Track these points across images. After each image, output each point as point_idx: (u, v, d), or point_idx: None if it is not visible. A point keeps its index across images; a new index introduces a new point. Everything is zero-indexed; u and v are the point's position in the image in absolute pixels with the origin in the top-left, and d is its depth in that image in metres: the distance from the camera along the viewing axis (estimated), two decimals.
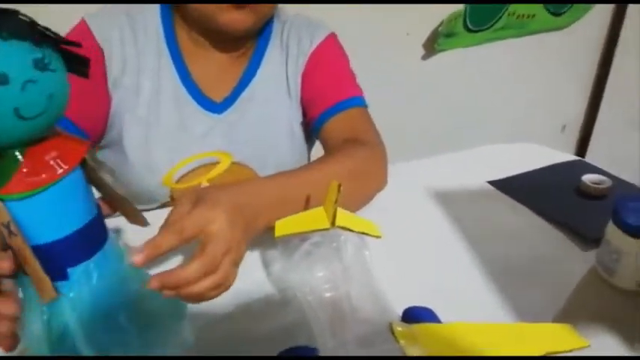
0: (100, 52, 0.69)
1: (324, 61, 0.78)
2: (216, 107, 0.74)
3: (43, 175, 0.31)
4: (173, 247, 0.40)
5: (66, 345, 0.34)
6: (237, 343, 0.43)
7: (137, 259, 0.37)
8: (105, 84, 0.70)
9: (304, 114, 0.79)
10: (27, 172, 0.30)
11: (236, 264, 0.44)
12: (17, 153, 0.30)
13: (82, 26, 0.69)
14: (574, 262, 0.54)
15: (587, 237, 0.57)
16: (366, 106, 0.77)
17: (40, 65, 0.28)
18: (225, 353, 0.42)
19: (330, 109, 0.75)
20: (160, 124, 0.71)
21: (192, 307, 0.44)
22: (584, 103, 1.62)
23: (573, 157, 0.77)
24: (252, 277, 0.51)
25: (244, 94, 0.76)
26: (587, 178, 0.66)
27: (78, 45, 0.31)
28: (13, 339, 0.35)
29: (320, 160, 0.66)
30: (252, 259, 0.54)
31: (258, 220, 0.49)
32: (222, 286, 0.42)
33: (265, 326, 0.45)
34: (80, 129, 0.67)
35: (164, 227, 0.41)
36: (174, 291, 0.39)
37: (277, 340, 0.41)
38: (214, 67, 0.75)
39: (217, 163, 0.74)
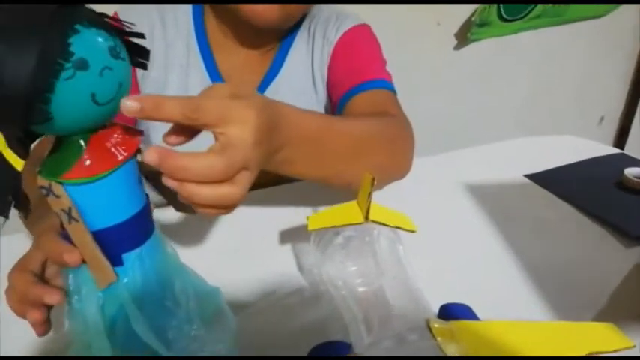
0: None
1: (352, 47, 0.75)
2: None
3: (105, 162, 0.31)
4: (174, 118, 0.33)
5: (120, 327, 0.35)
6: (271, 337, 0.43)
7: (126, 102, 0.30)
8: (136, 78, 0.71)
9: (330, 100, 0.76)
10: (89, 159, 0.31)
11: (245, 190, 0.36)
12: (81, 140, 0.31)
13: (115, 18, 0.70)
14: (616, 259, 0.52)
15: (630, 233, 0.55)
16: (394, 91, 0.71)
17: (114, 53, 0.30)
18: (259, 347, 0.42)
19: (355, 87, 0.69)
20: None
21: (227, 301, 0.44)
22: (623, 93, 1.56)
23: (613, 150, 0.75)
24: (286, 271, 0.51)
25: (269, 89, 0.75)
26: (630, 171, 0.64)
27: (141, 36, 0.32)
28: (48, 325, 0.38)
29: (353, 117, 0.63)
30: (284, 252, 0.54)
31: (281, 152, 0.44)
32: (225, 207, 0.35)
33: (299, 320, 0.45)
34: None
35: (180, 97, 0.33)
36: (172, 179, 0.32)
37: (311, 334, 0.41)
38: (241, 62, 0.75)
39: None
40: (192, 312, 0.37)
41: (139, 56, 0.33)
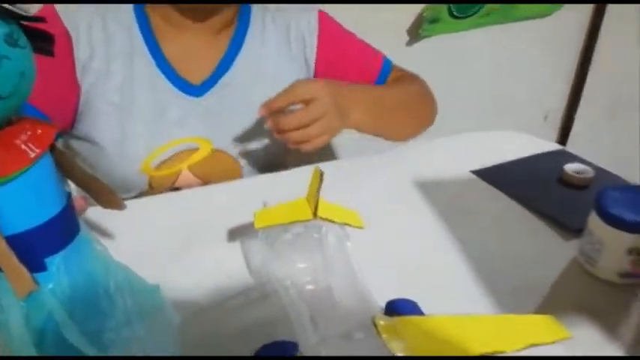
0: (68, 37, 0.67)
1: (337, 40, 0.82)
2: (193, 90, 0.72)
3: (16, 160, 0.29)
4: (283, 106, 0.62)
5: (49, 337, 0.33)
6: (217, 338, 0.42)
7: (261, 111, 0.62)
8: (73, 70, 0.68)
9: None
10: None
11: (329, 131, 0.63)
12: None
13: (49, 9, 0.67)
14: (556, 252, 0.54)
15: (570, 227, 0.57)
16: (391, 62, 0.88)
17: (10, 41, 0.27)
18: (205, 347, 0.41)
19: (377, 81, 0.83)
20: (134, 109, 0.69)
21: (171, 300, 0.43)
22: (567, 91, 1.62)
23: (556, 146, 0.77)
24: (232, 270, 0.50)
25: (224, 79, 0.74)
26: (570, 167, 0.66)
27: (41, 20, 0.30)
28: None
29: (393, 83, 0.83)
30: (231, 250, 0.53)
31: (352, 112, 0.67)
32: (320, 135, 0.62)
33: (245, 320, 0.44)
34: (46, 116, 0.65)
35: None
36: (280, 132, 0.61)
37: (258, 335, 0.40)
38: (190, 49, 0.73)
39: (197, 149, 0.72)
40: (130, 312, 0.36)
41: (42, 42, 0.30)
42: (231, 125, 0.74)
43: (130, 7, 0.71)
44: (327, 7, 1.05)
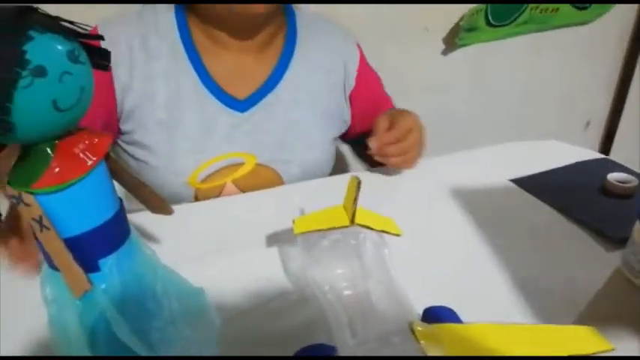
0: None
1: (368, 83, 0.86)
2: (239, 105, 0.74)
3: (75, 168, 0.31)
4: (392, 141, 0.69)
5: (100, 334, 0.35)
6: (256, 340, 0.43)
7: (373, 147, 0.69)
8: (110, 85, 0.70)
9: (353, 122, 0.87)
10: (58, 166, 0.31)
11: (418, 155, 0.73)
12: (47, 147, 0.31)
13: (93, 31, 0.70)
14: (599, 263, 0.53)
15: (613, 237, 0.56)
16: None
17: (73, 57, 0.29)
18: (244, 350, 0.42)
19: None
20: (181, 125, 0.71)
21: (213, 303, 0.44)
22: (609, 99, 1.58)
23: (598, 155, 0.76)
24: (271, 274, 0.51)
25: (270, 96, 0.75)
26: (613, 176, 0.65)
27: (99, 37, 0.32)
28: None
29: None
30: (270, 255, 0.54)
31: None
32: (403, 156, 0.70)
33: (284, 323, 0.45)
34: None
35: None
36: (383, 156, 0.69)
37: (296, 338, 0.41)
38: (234, 65, 0.75)
39: (242, 163, 0.74)
40: (176, 313, 0.37)
41: (100, 58, 0.32)
42: (275, 141, 0.75)
43: (172, 23, 0.73)
44: (368, 7, 1.07)
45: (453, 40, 1.30)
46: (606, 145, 1.61)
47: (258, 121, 0.75)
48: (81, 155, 0.32)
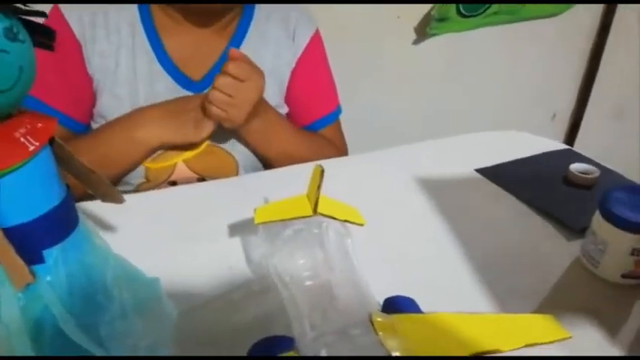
0: (74, 37, 0.69)
1: (314, 65, 0.83)
2: (192, 85, 0.73)
3: (14, 153, 0.29)
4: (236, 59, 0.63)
5: (46, 329, 0.33)
6: (214, 332, 0.42)
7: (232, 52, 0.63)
8: (85, 68, 0.70)
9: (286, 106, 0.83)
10: None
11: (233, 112, 0.65)
12: None
13: (55, 12, 0.69)
14: (559, 252, 0.53)
15: (573, 227, 0.56)
16: (338, 117, 0.88)
17: (10, 35, 0.27)
18: (203, 341, 0.41)
19: (315, 122, 0.84)
20: (136, 102, 0.70)
21: (170, 294, 0.43)
22: (575, 92, 1.61)
23: (562, 146, 0.77)
24: (232, 264, 0.50)
25: None
26: (575, 167, 0.66)
27: (42, 14, 0.30)
28: None
29: (310, 135, 0.81)
30: (231, 245, 0.53)
31: (257, 117, 0.69)
32: (227, 108, 0.64)
33: (243, 315, 0.44)
34: (75, 120, 0.71)
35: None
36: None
37: (255, 330, 0.40)
38: (190, 44, 0.74)
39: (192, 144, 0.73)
40: (127, 305, 0.36)
41: (43, 36, 0.31)
42: None
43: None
44: (335, 4, 1.05)
45: (425, 30, 1.30)
46: (571, 138, 1.65)
47: None
48: (22, 140, 0.30)
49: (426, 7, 1.27)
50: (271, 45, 0.78)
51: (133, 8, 0.72)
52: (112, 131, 0.68)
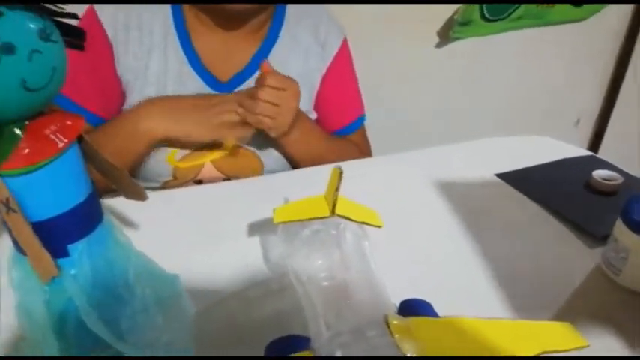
0: (107, 38, 0.70)
1: (343, 72, 0.85)
2: (221, 86, 0.74)
3: (45, 150, 0.30)
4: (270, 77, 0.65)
5: (69, 321, 0.34)
6: (231, 329, 0.43)
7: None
8: (114, 69, 0.72)
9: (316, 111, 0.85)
10: (27, 147, 0.30)
11: (279, 120, 0.67)
12: (16, 128, 0.30)
13: (90, 12, 0.71)
14: (580, 260, 0.53)
15: (595, 234, 0.56)
16: (364, 122, 0.90)
17: (44, 36, 0.28)
18: (220, 337, 0.42)
19: (344, 129, 0.86)
20: None
21: (189, 291, 0.44)
22: (600, 97, 1.58)
23: (585, 152, 0.76)
24: (250, 263, 0.51)
25: (252, 79, 0.75)
26: (598, 174, 0.65)
27: (74, 16, 0.31)
28: None
29: (340, 141, 0.84)
30: (250, 244, 0.53)
31: (295, 132, 0.72)
32: (273, 116, 0.66)
33: (260, 313, 0.44)
34: (103, 119, 0.72)
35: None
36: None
37: (271, 328, 0.41)
38: (221, 46, 0.75)
39: (221, 144, 0.74)
40: (148, 300, 0.37)
41: (75, 37, 0.32)
42: None
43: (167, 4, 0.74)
44: (357, 9, 1.06)
45: (447, 34, 1.29)
46: (595, 144, 1.62)
47: None
48: (52, 137, 0.31)
49: (449, 11, 1.27)
50: (301, 50, 0.79)
51: (167, 10, 0.73)
52: (117, 123, 0.69)
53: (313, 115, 0.83)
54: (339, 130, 0.86)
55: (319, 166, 0.69)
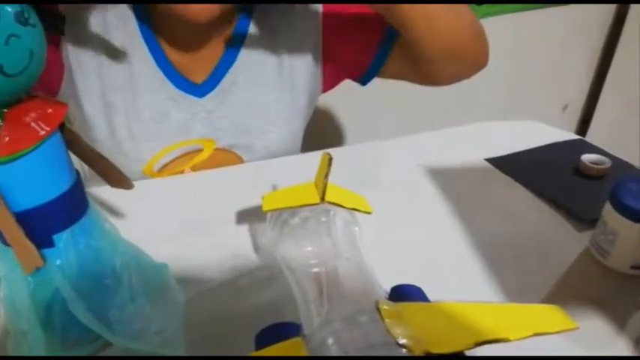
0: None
1: (339, 10, 0.74)
2: (196, 89, 0.70)
3: (25, 138, 0.30)
4: None
5: (56, 312, 0.33)
6: (222, 317, 0.43)
7: None
8: (60, 55, 0.66)
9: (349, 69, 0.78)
10: (7, 135, 0.29)
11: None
12: None
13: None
14: (569, 243, 0.53)
15: (583, 218, 0.56)
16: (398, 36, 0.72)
17: (21, 19, 0.27)
18: (210, 326, 0.42)
19: (375, 60, 0.75)
20: (135, 110, 0.68)
21: (177, 280, 0.43)
22: (587, 83, 1.59)
23: (574, 136, 0.76)
24: (239, 251, 0.50)
25: (227, 78, 0.72)
26: (587, 157, 0.65)
27: (55, 1, 0.30)
28: None
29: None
30: (239, 232, 0.53)
31: None
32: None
33: (251, 301, 0.44)
34: None
35: None
36: None
37: (262, 316, 0.40)
38: (191, 48, 0.70)
39: (200, 150, 0.72)
40: (136, 289, 0.36)
41: (53, 21, 0.31)
42: (235, 125, 0.73)
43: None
44: None
45: None
46: (582, 129, 1.63)
47: (217, 105, 0.71)
48: (32, 124, 0.30)
49: None
50: (282, 32, 0.74)
51: (129, 11, 0.68)
52: None
53: (319, 89, 0.78)
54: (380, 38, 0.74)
55: (307, 153, 0.69)
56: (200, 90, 0.71)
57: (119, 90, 0.67)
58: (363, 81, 0.81)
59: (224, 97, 0.72)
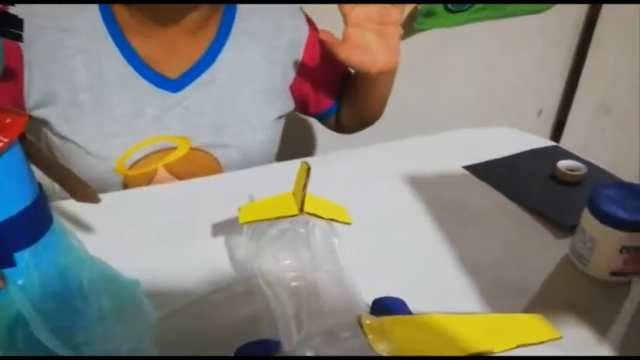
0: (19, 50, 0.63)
1: (317, 54, 0.79)
2: (170, 85, 0.69)
3: None
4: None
5: (19, 335, 0.31)
6: (197, 336, 0.41)
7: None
8: (19, 64, 0.64)
9: (299, 104, 0.83)
10: None
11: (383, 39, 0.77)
12: None
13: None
14: (548, 250, 0.53)
15: (562, 224, 0.56)
16: None
17: None
18: (186, 345, 0.40)
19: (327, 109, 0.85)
20: (107, 108, 0.66)
21: (150, 297, 0.41)
22: (561, 87, 1.62)
23: (549, 143, 0.76)
24: (215, 266, 0.48)
25: (205, 75, 0.71)
26: (563, 164, 0.65)
27: (10, 2, 0.28)
28: None
29: None
30: (214, 245, 0.51)
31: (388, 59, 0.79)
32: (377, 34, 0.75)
33: (227, 318, 0.42)
34: None
35: None
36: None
37: (240, 333, 0.39)
38: (165, 44, 0.69)
39: (174, 148, 0.70)
40: (105, 308, 0.34)
41: (12, 27, 0.29)
42: (211, 123, 0.71)
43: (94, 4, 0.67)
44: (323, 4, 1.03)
45: (412, 25, 1.29)
46: (557, 134, 1.66)
47: (192, 102, 0.70)
48: None
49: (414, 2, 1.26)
50: (262, 41, 0.75)
51: (95, 11, 0.66)
52: None
53: (290, 103, 0.81)
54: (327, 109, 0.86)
55: (284, 162, 0.68)
56: (174, 85, 0.70)
57: (89, 90, 0.66)
58: (320, 118, 0.90)
59: (201, 94, 0.71)
